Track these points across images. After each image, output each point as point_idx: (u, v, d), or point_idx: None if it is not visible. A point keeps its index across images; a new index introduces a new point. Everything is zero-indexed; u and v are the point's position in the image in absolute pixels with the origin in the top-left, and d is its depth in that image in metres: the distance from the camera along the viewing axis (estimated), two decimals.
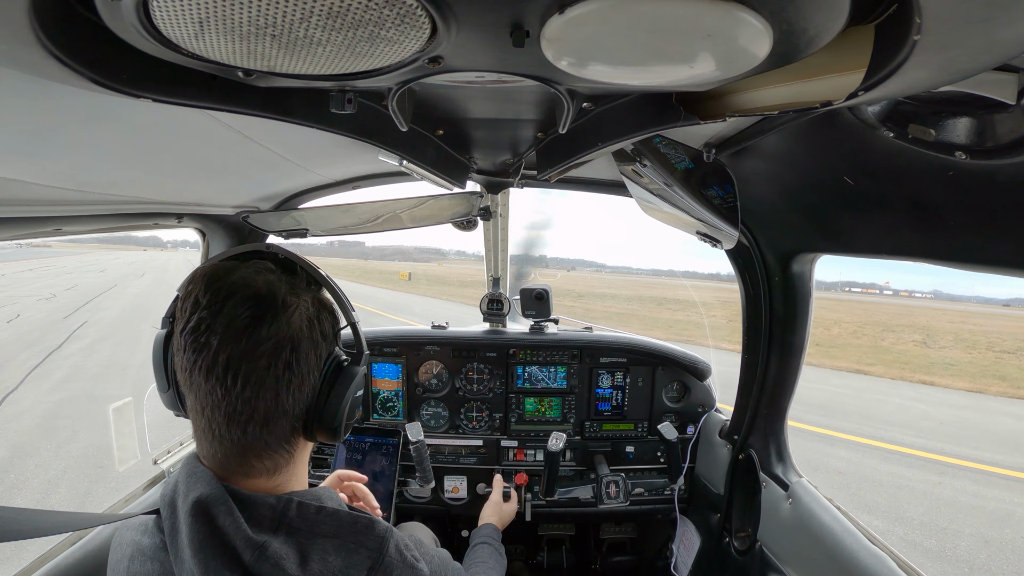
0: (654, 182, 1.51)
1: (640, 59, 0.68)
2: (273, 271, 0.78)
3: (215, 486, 0.72)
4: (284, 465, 0.80)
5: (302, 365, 0.75)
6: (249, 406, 0.72)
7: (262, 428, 0.74)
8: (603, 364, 2.50)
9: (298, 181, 1.87)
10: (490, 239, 2.48)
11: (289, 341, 0.73)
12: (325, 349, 0.80)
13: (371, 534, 0.76)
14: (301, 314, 0.75)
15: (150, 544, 0.76)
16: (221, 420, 0.73)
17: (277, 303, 0.73)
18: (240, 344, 0.70)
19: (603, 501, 2.29)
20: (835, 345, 21.42)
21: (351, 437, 2.25)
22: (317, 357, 0.78)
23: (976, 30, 0.49)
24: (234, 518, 0.69)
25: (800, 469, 1.88)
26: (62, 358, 10.85)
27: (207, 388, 0.71)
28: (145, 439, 1.86)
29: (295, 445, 0.81)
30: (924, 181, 0.97)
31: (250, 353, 0.70)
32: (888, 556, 1.36)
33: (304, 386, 0.76)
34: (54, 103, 0.80)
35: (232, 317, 0.70)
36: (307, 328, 0.76)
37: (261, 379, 0.71)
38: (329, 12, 0.55)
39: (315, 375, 0.78)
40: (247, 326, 0.70)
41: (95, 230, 1.50)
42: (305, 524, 0.73)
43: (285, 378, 0.73)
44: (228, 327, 0.70)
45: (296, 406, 0.76)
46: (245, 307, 0.71)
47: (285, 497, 0.75)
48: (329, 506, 0.77)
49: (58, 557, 1.32)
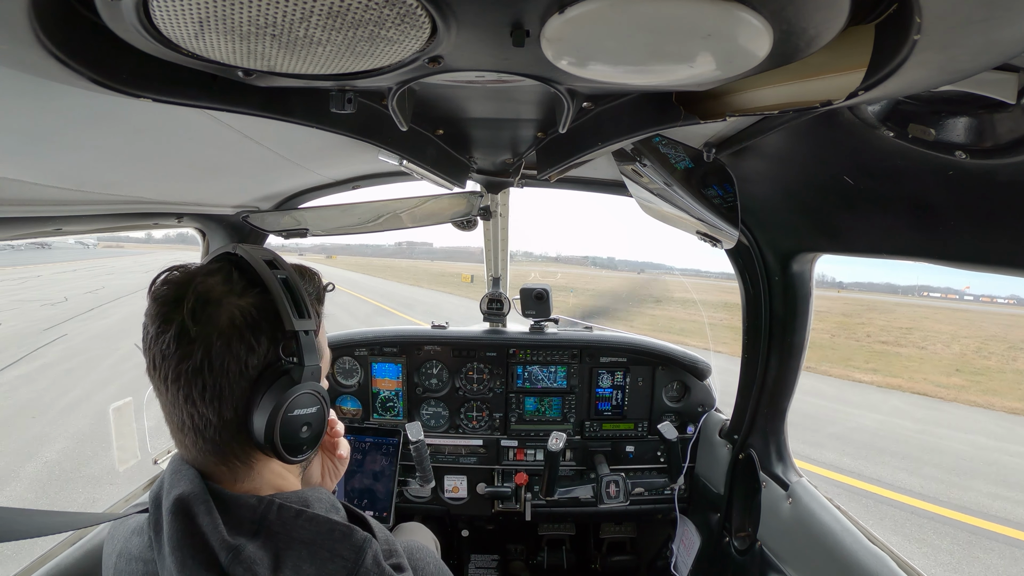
0: (654, 182, 1.51)
1: (640, 59, 0.68)
2: (221, 272, 0.74)
3: (196, 484, 0.71)
4: (245, 475, 0.76)
5: (216, 373, 0.69)
6: (177, 409, 0.71)
7: (195, 435, 0.72)
8: (603, 364, 2.50)
9: (298, 181, 1.87)
10: (490, 239, 2.48)
11: (201, 345, 0.68)
12: (258, 359, 0.72)
13: (347, 543, 0.72)
14: (222, 317, 0.70)
15: (139, 543, 0.75)
16: (176, 429, 0.73)
17: (193, 303, 0.69)
18: (160, 345, 0.70)
19: (603, 501, 2.29)
20: (977, 372, 16.11)
21: (350, 437, 2.25)
22: (242, 367, 0.71)
23: (976, 30, 0.49)
24: (212, 518, 0.68)
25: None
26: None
27: (157, 394, 0.73)
28: (145, 439, 1.86)
29: (249, 459, 0.76)
30: (924, 181, 0.97)
31: (167, 355, 0.69)
32: (888, 556, 1.36)
33: (224, 397, 0.70)
34: (54, 103, 0.80)
35: (155, 317, 0.71)
36: (228, 332, 0.70)
37: (176, 383, 0.69)
38: (329, 12, 0.55)
39: (242, 386, 0.71)
40: (163, 327, 0.70)
41: (95, 230, 1.50)
42: (284, 528, 0.71)
43: (197, 385, 0.69)
44: (153, 326, 0.71)
45: (222, 417, 0.71)
46: (164, 306, 0.70)
47: (267, 499, 0.73)
48: (310, 511, 0.74)
49: (58, 557, 1.32)
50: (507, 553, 2.91)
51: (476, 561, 2.82)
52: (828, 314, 29.72)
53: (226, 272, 0.74)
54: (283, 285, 0.75)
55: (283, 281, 0.76)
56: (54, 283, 27.29)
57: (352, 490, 2.18)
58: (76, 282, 28.06)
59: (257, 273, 0.75)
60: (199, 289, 0.70)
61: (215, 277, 0.73)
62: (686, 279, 14.98)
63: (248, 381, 0.71)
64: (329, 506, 0.79)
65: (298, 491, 0.79)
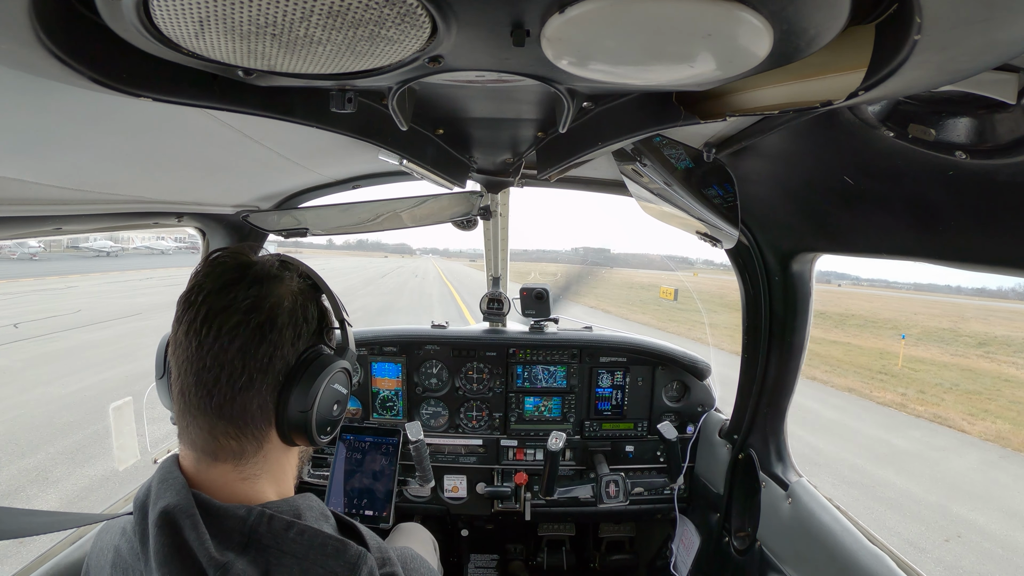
0: (654, 181, 1.52)
1: (640, 59, 0.68)
2: (272, 260, 0.80)
3: (184, 496, 0.69)
4: (252, 455, 0.76)
5: (275, 334, 0.73)
6: (217, 361, 0.71)
7: (227, 388, 0.72)
8: (603, 364, 2.50)
9: (298, 180, 1.87)
10: (490, 239, 2.48)
11: (267, 306, 0.73)
12: (305, 333, 0.78)
13: (341, 559, 0.70)
14: (285, 288, 0.76)
15: (128, 550, 0.74)
16: (191, 382, 0.72)
17: (262, 272, 0.76)
18: (221, 300, 0.72)
19: (603, 500, 2.29)
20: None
21: (350, 436, 2.25)
22: (295, 335, 0.76)
23: (976, 30, 0.49)
24: (199, 533, 0.66)
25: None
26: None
27: (184, 344, 0.72)
28: (145, 439, 1.86)
29: (264, 436, 0.76)
30: (924, 181, 0.97)
31: (227, 308, 0.72)
32: (887, 555, 1.36)
33: (274, 359, 0.74)
34: (54, 103, 0.80)
35: (218, 277, 0.74)
36: (288, 303, 0.76)
37: (232, 333, 0.71)
38: (329, 11, 0.55)
39: (289, 355, 0.75)
40: (230, 284, 0.73)
41: (95, 229, 1.50)
42: (274, 541, 0.69)
43: (255, 339, 0.72)
44: (215, 286, 0.73)
45: (264, 380, 0.73)
46: (232, 270, 0.75)
47: (257, 509, 0.71)
48: (301, 523, 0.72)
49: (58, 556, 1.32)
50: (506, 553, 2.91)
51: (475, 561, 2.82)
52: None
53: (270, 261, 0.80)
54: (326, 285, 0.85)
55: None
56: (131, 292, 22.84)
57: (352, 490, 2.18)
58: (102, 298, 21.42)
59: (303, 269, 0.83)
60: (260, 264, 0.77)
61: (270, 260, 0.79)
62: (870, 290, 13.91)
63: (296, 353, 0.77)
64: (319, 515, 0.78)
65: (288, 499, 0.78)
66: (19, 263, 36.82)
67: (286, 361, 0.75)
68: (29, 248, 41.62)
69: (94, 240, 53.61)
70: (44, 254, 45.27)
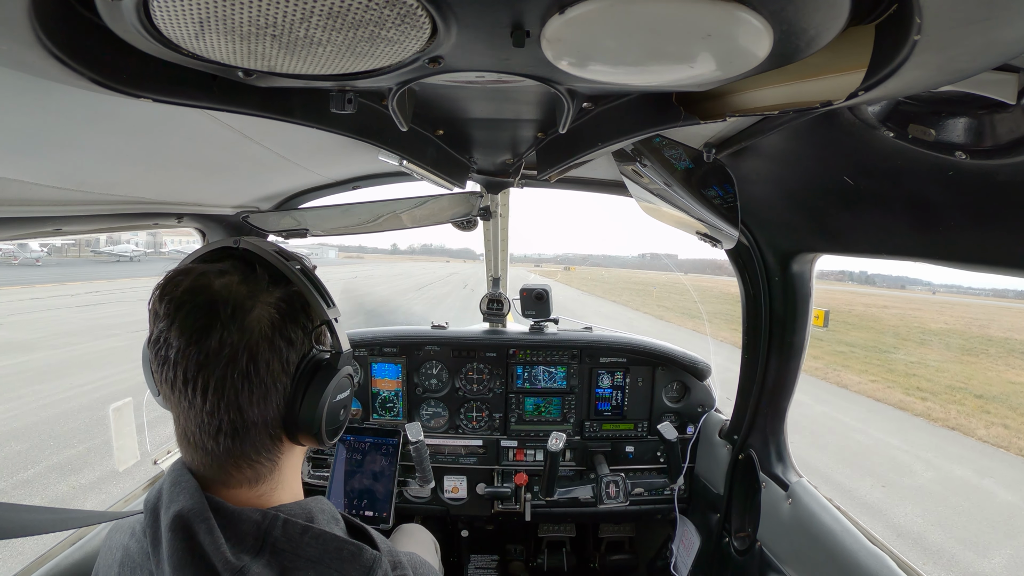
0: (654, 182, 1.51)
1: (640, 59, 0.68)
2: (235, 271, 0.73)
3: (197, 499, 0.69)
4: (267, 475, 0.76)
5: (262, 374, 0.70)
6: (215, 418, 0.69)
7: (233, 440, 0.71)
8: (603, 364, 2.50)
9: (298, 181, 1.87)
10: (490, 239, 2.48)
11: (245, 349, 0.68)
12: (296, 352, 0.74)
13: (356, 563, 0.71)
14: (259, 318, 0.70)
15: (138, 550, 0.74)
16: (194, 430, 0.71)
17: (229, 309, 0.69)
18: (195, 356, 0.67)
19: (603, 501, 2.28)
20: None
21: (350, 437, 2.25)
22: (284, 363, 0.72)
23: (976, 30, 0.49)
24: (213, 537, 0.66)
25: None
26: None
27: (175, 399, 0.70)
28: (145, 439, 1.86)
29: (277, 453, 0.76)
30: (924, 181, 0.97)
31: (206, 365, 0.67)
32: (888, 556, 1.36)
33: (270, 395, 0.72)
34: (54, 103, 0.80)
35: (184, 328, 0.68)
36: (268, 332, 0.71)
37: (220, 391, 0.68)
38: (329, 12, 0.55)
39: (284, 381, 0.73)
40: (199, 337, 0.67)
41: (95, 230, 1.50)
42: (290, 545, 0.69)
43: (245, 389, 0.69)
44: (182, 338, 0.68)
45: (265, 415, 0.72)
46: (197, 317, 0.68)
47: (271, 513, 0.71)
48: (316, 527, 0.73)
49: (58, 557, 1.32)
50: (507, 553, 2.90)
51: (476, 561, 2.82)
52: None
53: (240, 270, 0.73)
54: (304, 276, 0.77)
55: (302, 272, 0.77)
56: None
57: (352, 490, 2.18)
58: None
59: (274, 267, 0.75)
60: (224, 294, 0.69)
61: (231, 276, 0.72)
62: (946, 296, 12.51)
63: (289, 376, 0.74)
64: (330, 518, 0.78)
65: (300, 502, 0.78)
66: (21, 269, 36.19)
67: (284, 385, 0.73)
68: (32, 253, 40.35)
69: (125, 242, 52.18)
70: (46, 259, 44.32)
